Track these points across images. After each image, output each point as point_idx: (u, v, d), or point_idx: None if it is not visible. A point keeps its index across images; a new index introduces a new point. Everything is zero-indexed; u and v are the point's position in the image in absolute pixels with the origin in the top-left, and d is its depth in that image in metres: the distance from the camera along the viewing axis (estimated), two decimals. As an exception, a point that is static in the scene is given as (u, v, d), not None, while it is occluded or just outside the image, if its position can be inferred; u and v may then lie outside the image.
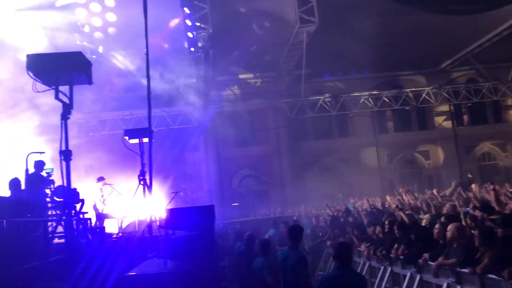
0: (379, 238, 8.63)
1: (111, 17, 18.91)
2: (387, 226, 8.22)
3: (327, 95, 25.07)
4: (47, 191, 9.63)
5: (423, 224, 7.80)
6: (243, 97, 25.13)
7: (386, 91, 25.37)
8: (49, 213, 9.37)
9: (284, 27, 20.24)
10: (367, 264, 8.93)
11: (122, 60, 20.94)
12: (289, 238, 6.09)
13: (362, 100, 25.15)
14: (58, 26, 17.57)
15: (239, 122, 24.69)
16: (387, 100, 25.04)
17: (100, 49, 21.23)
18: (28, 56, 5.64)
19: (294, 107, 24.89)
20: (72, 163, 6.22)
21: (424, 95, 25.18)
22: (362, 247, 8.95)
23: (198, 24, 19.07)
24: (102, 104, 21.28)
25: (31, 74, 5.60)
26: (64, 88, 5.96)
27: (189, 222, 5.30)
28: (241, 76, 25.06)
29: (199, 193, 24.81)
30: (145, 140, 9.56)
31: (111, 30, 19.50)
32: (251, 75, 25.24)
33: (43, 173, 9.61)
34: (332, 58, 22.29)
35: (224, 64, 21.63)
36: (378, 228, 8.80)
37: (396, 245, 7.49)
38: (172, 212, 5.70)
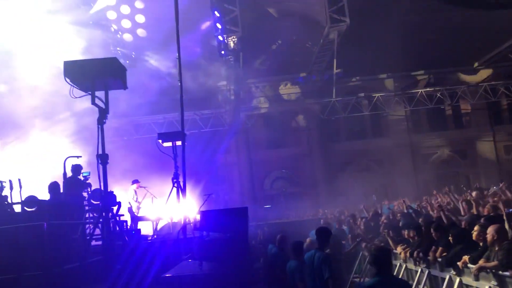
0: (415, 240, 8.44)
1: (140, 18, 19.24)
2: (424, 228, 8.02)
3: (359, 95, 24.73)
4: (84, 194, 9.90)
5: (462, 225, 7.56)
6: (274, 98, 25.13)
7: (420, 89, 24.80)
8: (87, 215, 9.63)
9: (315, 28, 20.15)
10: (404, 266, 8.74)
11: (153, 64, 21.30)
12: (317, 240, 6.25)
13: (395, 99, 24.68)
14: (93, 34, 18.07)
15: (270, 124, 24.72)
16: (421, 99, 24.46)
17: (133, 55, 21.67)
18: (65, 63, 5.78)
19: (325, 107, 24.67)
20: (108, 167, 6.36)
21: (460, 93, 24.47)
22: (398, 249, 8.77)
23: (228, 27, 19.21)
24: (136, 108, 21.69)
25: (68, 80, 5.75)
26: (100, 93, 6.09)
27: (223, 224, 5.32)
28: (272, 78, 25.06)
29: (231, 195, 24.92)
30: (178, 143, 9.71)
31: (140, 31, 19.84)
32: (282, 77, 25.20)
33: (80, 177, 9.86)
34: (364, 57, 21.97)
35: (255, 66, 21.70)
36: (412, 231, 8.61)
37: (433, 247, 7.30)
38: (206, 214, 5.73)
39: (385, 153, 25.97)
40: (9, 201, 8.64)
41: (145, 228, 11.48)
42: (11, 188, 8.86)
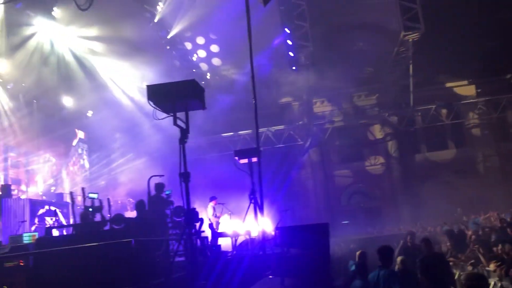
0: (509, 257, 7.81)
1: (215, 48, 20.11)
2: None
3: (439, 103, 23.61)
4: (167, 211, 10.29)
5: None
6: (348, 111, 24.70)
7: (505, 95, 23.19)
8: (170, 232, 9.99)
9: (388, 37, 19.68)
10: (499, 285, 8.11)
11: (227, 83, 21.96)
12: (380, 259, 6.07)
13: (478, 106, 23.28)
14: (171, 57, 19.10)
15: (345, 137, 24.30)
16: (508, 105, 22.85)
17: (208, 76, 22.49)
18: (148, 87, 6.09)
19: (403, 118, 23.84)
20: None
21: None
22: (492, 266, 8.15)
23: (299, 42, 19.34)
24: (211, 127, 22.37)
25: (151, 103, 6.04)
26: (180, 114, 6.33)
27: (303, 241, 5.26)
28: (345, 90, 24.67)
29: (307, 211, 24.70)
30: (254, 159, 9.83)
31: (215, 61, 20.72)
32: (356, 88, 24.75)
33: (163, 195, 10.28)
34: (442, 63, 21.05)
35: (327, 79, 21.51)
36: (508, 246, 7.98)
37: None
38: (285, 230, 5.70)
39: (469, 163, 24.45)
40: (100, 219, 9.19)
41: (225, 244, 11.68)
42: (102, 206, 9.43)
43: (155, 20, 18.42)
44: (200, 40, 20.52)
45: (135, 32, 19.06)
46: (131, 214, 17.05)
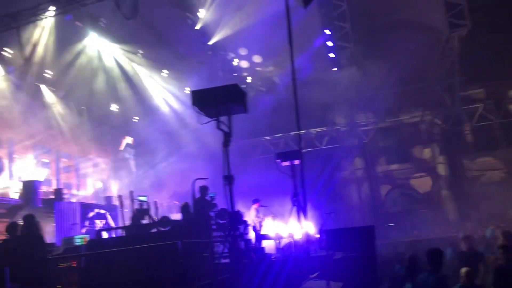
0: None
1: (257, 58, 20.39)
2: None
3: (487, 102, 22.75)
4: (212, 214, 10.46)
5: None
6: (392, 112, 24.17)
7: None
8: (214, 234, 10.14)
9: (432, 35, 19.16)
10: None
11: (268, 86, 22.09)
12: (428, 263, 5.75)
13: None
14: (212, 62, 19.44)
15: (389, 138, 23.80)
16: None
17: (249, 79, 22.68)
18: (192, 92, 6.23)
19: (449, 118, 23.11)
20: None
21: None
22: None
23: (339, 43, 19.17)
24: (253, 129, 22.53)
25: (196, 108, 6.18)
26: (223, 118, 6.44)
27: (349, 243, 5.23)
28: (389, 90, 24.15)
29: (350, 214, 24.37)
30: (296, 162, 9.83)
31: (256, 64, 20.94)
32: (399, 89, 24.18)
33: (208, 197, 10.46)
34: (490, 60, 20.26)
35: (371, 79, 21.17)
36: None
37: None
38: (331, 233, 5.68)
39: (521, 163, 23.39)
40: (149, 221, 9.45)
41: (269, 247, 11.73)
42: (149, 209, 9.71)
43: (197, 28, 18.78)
44: (243, 51, 20.86)
45: (177, 39, 19.54)
46: (176, 216, 17.42)
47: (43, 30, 14.30)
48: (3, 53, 16.19)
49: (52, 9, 11.85)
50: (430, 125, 23.91)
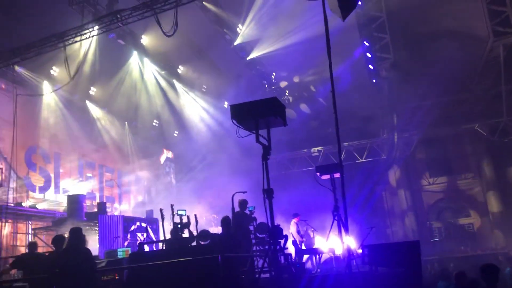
0: None
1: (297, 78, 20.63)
2: None
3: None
4: (251, 227, 10.41)
5: None
6: (434, 123, 23.50)
7: None
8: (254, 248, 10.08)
9: (474, 44, 18.57)
10: None
11: (306, 99, 22.03)
12: (483, 279, 5.40)
13: None
14: (250, 76, 19.57)
15: (432, 150, 23.13)
16: None
17: (287, 92, 22.70)
18: (231, 106, 6.28)
19: (495, 129, 22.22)
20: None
21: None
22: None
23: (379, 54, 18.87)
24: (291, 143, 22.46)
25: (235, 122, 6.21)
26: (262, 132, 6.44)
27: (393, 259, 5.05)
28: (431, 101, 23.51)
29: (392, 229, 23.76)
30: (336, 175, 9.67)
31: (294, 78, 20.97)
32: (441, 99, 23.52)
33: (247, 211, 10.42)
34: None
35: (412, 90, 20.71)
36: None
37: None
38: (374, 248, 5.52)
39: None
40: (188, 235, 9.50)
41: (308, 262, 11.56)
42: (188, 223, 9.77)
43: (236, 43, 19.02)
44: (281, 67, 21.02)
45: (216, 55, 19.83)
46: (215, 230, 17.48)
47: (88, 48, 14.85)
48: (51, 71, 16.92)
49: (96, 28, 12.29)
50: (476, 136, 23.06)
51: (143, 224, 14.73)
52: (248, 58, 20.21)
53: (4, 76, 15.42)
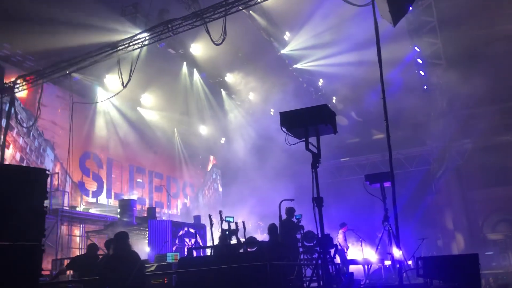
0: None
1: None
2: None
3: None
4: (298, 235, 10.32)
5: None
6: (489, 131, 22.45)
7: None
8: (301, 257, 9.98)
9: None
10: None
11: (354, 105, 21.72)
12: None
13: None
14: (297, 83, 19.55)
15: (486, 159, 22.09)
16: None
17: (334, 99, 22.46)
18: (281, 113, 6.26)
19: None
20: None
21: None
22: None
23: (430, 60, 18.38)
24: (337, 151, 22.17)
25: (284, 129, 6.18)
26: (311, 139, 6.38)
27: (451, 272, 4.85)
28: (486, 108, 22.48)
29: (445, 240, 22.89)
30: (386, 184, 9.43)
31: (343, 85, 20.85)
32: (497, 107, 22.46)
33: (294, 219, 10.35)
34: None
35: (465, 97, 19.95)
36: None
37: None
38: (431, 260, 5.32)
39: None
40: (236, 241, 9.54)
41: (356, 272, 11.32)
42: (236, 229, 9.82)
43: (283, 51, 19.08)
44: (330, 79, 20.96)
45: (262, 61, 19.93)
46: (260, 237, 17.48)
47: (139, 57, 15.32)
48: (104, 79, 17.57)
49: (147, 37, 12.66)
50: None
51: (191, 230, 14.93)
52: (295, 67, 20.22)
53: (60, 84, 16.14)
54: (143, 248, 13.73)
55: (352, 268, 11.45)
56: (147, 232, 14.12)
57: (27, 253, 4.24)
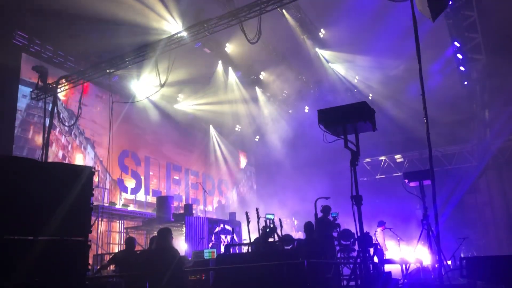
0: None
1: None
2: None
3: None
4: (334, 234, 10.27)
5: None
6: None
7: None
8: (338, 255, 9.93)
9: None
10: None
11: (391, 103, 21.34)
12: None
13: None
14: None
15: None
16: None
17: (370, 96, 22.15)
18: (319, 111, 6.25)
19: None
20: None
21: None
22: None
23: (470, 55, 17.82)
24: (374, 148, 21.84)
25: (322, 127, 6.17)
26: (350, 137, 6.35)
27: (497, 274, 4.72)
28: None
29: (485, 240, 22.19)
30: (426, 182, 9.25)
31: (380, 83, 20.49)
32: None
33: (330, 217, 10.31)
34: None
35: (507, 93, 19.27)
36: None
37: None
38: (475, 261, 5.20)
39: None
40: (273, 239, 9.59)
41: (394, 272, 11.14)
42: (276, 227, 9.85)
43: (316, 49, 18.96)
44: (367, 76, 20.71)
45: (297, 59, 19.87)
46: (295, 234, 17.46)
47: (175, 56, 15.56)
48: (142, 78, 17.95)
49: (184, 37, 12.85)
50: None
51: (227, 227, 15.08)
52: (330, 64, 20.07)
53: (100, 84, 16.60)
54: (179, 244, 13.96)
55: (389, 267, 11.29)
56: (184, 229, 14.35)
57: (75, 248, 4.40)
